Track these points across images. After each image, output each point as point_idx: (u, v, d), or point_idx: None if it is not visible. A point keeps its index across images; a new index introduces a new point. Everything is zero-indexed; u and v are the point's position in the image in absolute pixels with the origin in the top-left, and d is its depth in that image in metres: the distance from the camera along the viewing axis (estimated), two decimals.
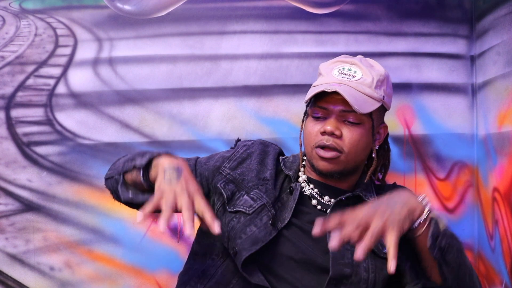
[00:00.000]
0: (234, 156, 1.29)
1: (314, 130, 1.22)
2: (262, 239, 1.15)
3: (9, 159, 1.71)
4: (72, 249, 1.71)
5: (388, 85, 1.26)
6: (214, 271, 1.21)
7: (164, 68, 1.75)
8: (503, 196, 1.57)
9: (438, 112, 1.77)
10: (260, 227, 1.17)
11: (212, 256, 1.24)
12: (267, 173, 1.26)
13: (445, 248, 1.06)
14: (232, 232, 1.18)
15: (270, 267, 1.17)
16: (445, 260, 1.07)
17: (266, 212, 1.19)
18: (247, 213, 1.19)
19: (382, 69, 1.26)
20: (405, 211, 1.02)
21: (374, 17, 1.77)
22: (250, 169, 1.27)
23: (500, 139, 1.59)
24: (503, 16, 1.58)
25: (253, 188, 1.23)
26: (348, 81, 1.20)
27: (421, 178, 1.77)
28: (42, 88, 1.73)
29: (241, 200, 1.22)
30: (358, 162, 1.24)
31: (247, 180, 1.25)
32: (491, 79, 1.66)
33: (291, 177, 1.27)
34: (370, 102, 1.20)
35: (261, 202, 1.21)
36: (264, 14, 1.76)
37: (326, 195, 1.25)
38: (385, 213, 1.00)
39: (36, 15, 1.73)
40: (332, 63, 1.27)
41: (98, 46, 1.73)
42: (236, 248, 1.15)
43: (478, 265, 1.76)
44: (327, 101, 1.20)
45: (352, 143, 1.20)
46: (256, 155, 1.29)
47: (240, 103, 1.75)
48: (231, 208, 1.21)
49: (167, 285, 1.72)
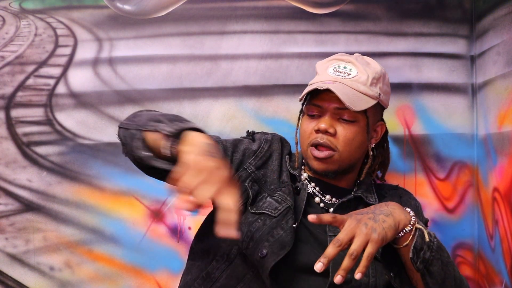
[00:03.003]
0: (260, 153, 1.26)
1: (309, 128, 1.22)
2: (289, 243, 1.13)
3: (9, 159, 1.71)
4: (72, 249, 1.71)
5: (384, 83, 1.26)
6: (218, 275, 1.19)
7: (164, 68, 1.75)
8: (503, 196, 1.57)
9: (438, 112, 1.77)
10: (286, 230, 1.15)
11: (217, 257, 1.21)
12: (284, 175, 1.25)
13: (429, 260, 1.04)
14: (258, 233, 1.15)
15: (282, 271, 1.15)
16: (429, 271, 1.05)
17: (291, 215, 1.18)
18: (273, 216, 1.17)
19: (379, 66, 1.26)
20: (389, 220, 1.01)
21: (374, 17, 1.77)
22: (272, 170, 1.25)
23: (500, 139, 1.59)
24: (503, 16, 1.58)
25: (276, 191, 1.22)
26: (342, 79, 1.21)
27: (421, 178, 1.77)
28: (42, 88, 1.73)
29: (264, 202, 1.20)
30: (353, 160, 1.24)
31: (269, 182, 1.23)
32: (491, 79, 1.66)
33: (296, 177, 1.26)
34: (364, 100, 1.20)
35: (286, 205, 1.19)
36: (264, 14, 1.76)
37: (328, 193, 1.25)
38: (369, 223, 0.99)
39: (36, 15, 1.73)
40: (328, 61, 1.27)
41: (98, 46, 1.73)
42: (265, 251, 1.12)
43: (478, 265, 1.76)
44: (322, 99, 1.21)
45: (346, 141, 1.19)
46: (277, 155, 1.28)
47: (240, 103, 1.75)
48: (254, 209, 1.19)
49: (167, 285, 1.72)
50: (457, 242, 1.78)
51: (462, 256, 1.78)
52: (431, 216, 1.76)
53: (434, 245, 1.05)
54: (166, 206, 1.73)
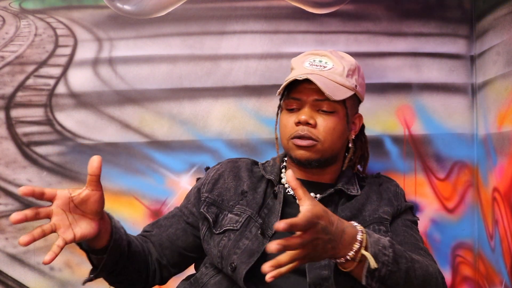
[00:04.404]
0: (206, 180, 1.29)
1: (289, 122, 1.22)
2: (257, 250, 1.14)
3: (9, 159, 1.71)
4: (72, 249, 1.70)
5: (359, 75, 1.27)
6: (206, 280, 1.20)
7: (164, 68, 1.75)
8: (503, 196, 1.57)
9: (438, 112, 1.77)
10: (251, 239, 1.16)
11: (206, 265, 1.24)
12: (244, 186, 1.25)
13: (385, 276, 0.99)
14: (225, 250, 1.16)
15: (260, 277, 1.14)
16: (387, 285, 1.01)
17: (254, 223, 1.19)
18: (235, 229, 1.18)
19: (353, 60, 1.28)
20: (328, 248, 0.93)
21: (374, 17, 1.77)
22: (226, 188, 1.26)
23: (500, 139, 1.59)
24: (503, 16, 1.58)
25: (235, 205, 1.23)
26: (319, 71, 1.22)
27: (421, 178, 1.77)
28: (42, 88, 1.73)
29: (226, 220, 1.21)
30: (335, 150, 1.23)
31: (227, 199, 1.24)
32: (491, 79, 1.66)
33: (273, 181, 1.26)
34: (342, 90, 1.21)
35: (245, 215, 1.20)
36: (264, 14, 1.76)
37: (311, 191, 1.24)
38: (319, 246, 0.91)
39: (36, 15, 1.73)
40: (303, 56, 1.29)
41: (98, 46, 1.73)
42: (235, 264, 1.13)
43: (478, 265, 1.76)
44: (300, 91, 1.21)
45: (327, 131, 1.20)
46: (228, 173, 1.29)
47: (240, 103, 1.75)
48: (218, 230, 1.20)
49: (167, 285, 1.72)
50: (457, 242, 1.78)
51: (462, 256, 1.78)
52: (431, 216, 1.76)
53: (390, 259, 0.99)
54: (166, 206, 1.74)
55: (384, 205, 1.24)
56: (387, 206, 1.24)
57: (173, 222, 1.29)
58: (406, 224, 1.25)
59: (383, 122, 1.76)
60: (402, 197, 1.31)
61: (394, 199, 1.27)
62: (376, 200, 1.25)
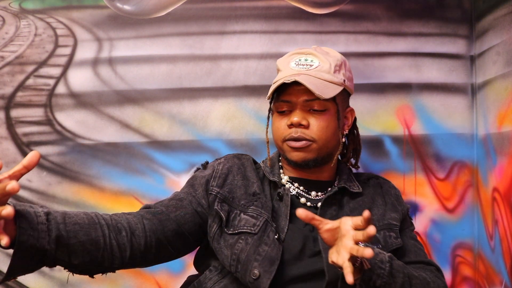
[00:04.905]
0: (216, 173, 1.24)
1: (282, 124, 1.22)
2: (276, 257, 1.13)
3: (9, 159, 1.70)
4: None
5: (346, 69, 1.27)
6: (210, 286, 1.18)
7: (164, 68, 1.75)
8: (503, 196, 1.57)
9: (438, 112, 1.77)
10: (270, 244, 1.14)
11: (210, 268, 1.22)
12: (254, 187, 1.23)
13: (381, 286, 1.04)
14: (243, 254, 1.13)
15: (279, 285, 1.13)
16: None
17: (270, 227, 1.16)
18: (254, 233, 1.15)
19: (338, 54, 1.27)
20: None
21: (374, 17, 1.77)
22: (236, 185, 1.23)
23: (500, 139, 1.59)
24: (503, 16, 1.58)
25: (248, 206, 1.20)
26: (306, 71, 1.21)
27: (421, 178, 1.77)
28: (42, 88, 1.73)
29: (240, 220, 1.18)
30: (330, 148, 1.23)
31: (238, 198, 1.21)
32: (491, 79, 1.66)
33: (276, 183, 1.25)
34: (331, 87, 1.20)
35: (263, 218, 1.17)
36: (264, 14, 1.76)
37: (312, 190, 1.25)
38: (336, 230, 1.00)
39: (36, 15, 1.73)
40: (288, 56, 1.28)
41: (98, 46, 1.73)
42: (257, 271, 1.11)
43: (478, 265, 1.77)
44: (290, 93, 1.21)
45: (320, 130, 1.20)
46: (237, 170, 1.26)
47: (240, 103, 1.75)
48: (231, 230, 1.17)
49: (167, 285, 1.72)
50: (457, 242, 1.78)
51: (462, 256, 1.78)
52: (431, 216, 1.76)
53: (386, 272, 1.04)
54: None
55: (389, 211, 1.27)
56: (392, 212, 1.27)
57: (182, 206, 1.21)
58: (412, 237, 1.29)
59: (383, 122, 1.76)
60: (401, 198, 1.34)
61: (397, 204, 1.30)
62: (381, 204, 1.28)
